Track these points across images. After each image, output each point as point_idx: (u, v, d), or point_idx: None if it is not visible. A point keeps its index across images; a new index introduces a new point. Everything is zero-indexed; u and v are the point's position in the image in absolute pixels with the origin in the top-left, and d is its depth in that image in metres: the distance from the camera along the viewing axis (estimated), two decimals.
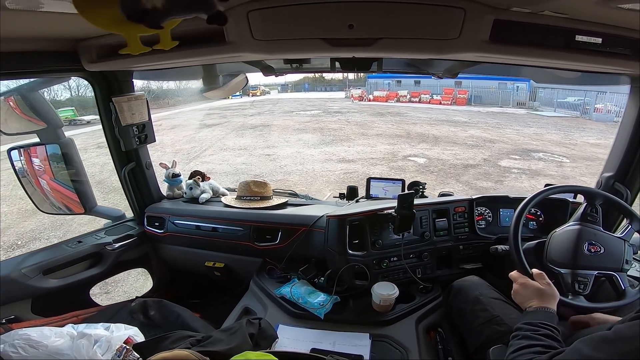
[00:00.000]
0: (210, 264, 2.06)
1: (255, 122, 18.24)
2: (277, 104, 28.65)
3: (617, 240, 1.32)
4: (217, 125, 17.70)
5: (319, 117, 18.76)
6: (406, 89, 28.05)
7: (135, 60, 1.33)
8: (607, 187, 1.72)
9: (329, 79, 45.15)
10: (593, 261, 1.28)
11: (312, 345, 1.34)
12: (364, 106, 24.45)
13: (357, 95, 29.42)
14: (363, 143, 11.61)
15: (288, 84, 48.07)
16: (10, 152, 1.76)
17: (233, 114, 23.41)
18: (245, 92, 42.41)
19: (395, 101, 26.89)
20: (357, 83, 36.27)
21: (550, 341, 0.94)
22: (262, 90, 43.19)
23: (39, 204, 1.91)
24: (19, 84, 1.68)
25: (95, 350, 1.24)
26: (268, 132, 14.57)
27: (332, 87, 43.71)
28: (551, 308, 1.08)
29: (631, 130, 1.62)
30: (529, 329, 1.00)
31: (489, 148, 10.81)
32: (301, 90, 46.02)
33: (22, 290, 1.60)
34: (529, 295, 1.14)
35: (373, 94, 28.70)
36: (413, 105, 25.10)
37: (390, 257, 1.62)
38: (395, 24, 0.96)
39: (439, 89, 25.88)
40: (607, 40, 1.00)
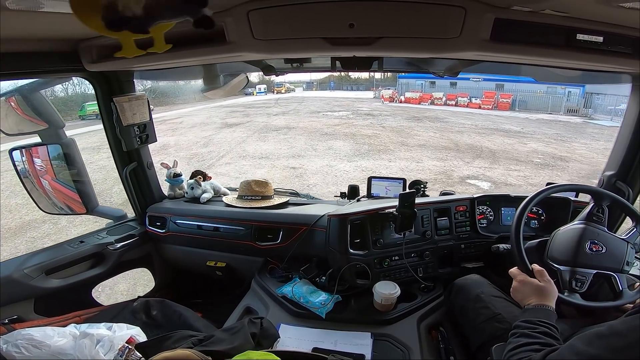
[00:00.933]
0: (212, 263, 2.07)
1: (280, 123, 17.01)
2: (303, 103, 27.48)
3: (620, 241, 1.31)
4: (238, 125, 16.68)
5: (349, 120, 17.47)
6: (441, 90, 26.34)
7: (136, 61, 1.33)
8: (609, 185, 1.72)
9: (355, 78, 43.65)
10: (593, 260, 1.28)
11: (314, 344, 1.35)
12: (396, 108, 22.91)
13: (387, 96, 27.81)
14: (406, 156, 9.87)
15: (313, 81, 46.68)
16: (12, 153, 1.77)
17: (256, 112, 22.48)
18: (270, 89, 41.85)
19: (429, 103, 25.23)
20: (386, 82, 34.94)
21: (548, 339, 0.95)
22: (287, 87, 42.23)
23: (41, 204, 1.91)
24: (19, 84, 1.68)
25: (97, 350, 1.24)
26: (293, 136, 13.21)
27: (358, 87, 42.17)
28: (550, 306, 1.08)
29: (633, 129, 1.61)
30: (527, 327, 1.00)
31: (564, 169, 8.92)
32: (326, 88, 44.87)
33: (25, 290, 1.60)
34: (528, 293, 1.14)
35: (405, 95, 27.06)
36: (450, 109, 23.15)
37: (391, 256, 1.62)
38: (395, 23, 0.95)
39: (479, 92, 24.03)
40: (608, 39, 1.00)
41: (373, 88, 36.29)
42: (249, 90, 43.86)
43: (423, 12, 0.92)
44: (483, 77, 21.57)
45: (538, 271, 1.18)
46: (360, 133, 13.49)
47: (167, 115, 23.54)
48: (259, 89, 42.15)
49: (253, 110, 23.57)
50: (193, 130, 15.55)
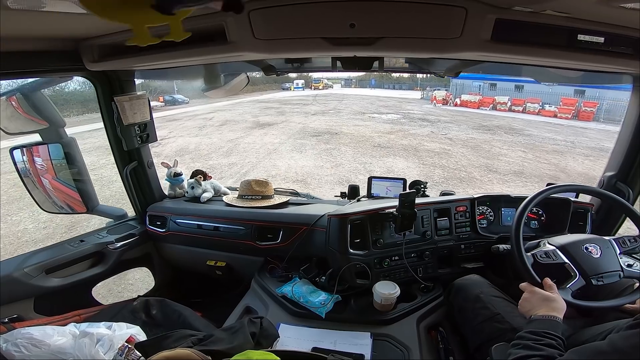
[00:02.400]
0: (212, 263, 2.07)
1: (319, 125, 15.14)
2: (343, 101, 25.88)
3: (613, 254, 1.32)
4: (271, 125, 15.24)
5: (403, 127, 14.85)
6: (504, 94, 23.37)
7: (136, 60, 1.34)
8: (609, 186, 1.72)
9: (397, 77, 42.16)
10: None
11: (314, 344, 1.35)
12: (453, 113, 20.40)
13: (440, 98, 25.47)
14: (504, 191, 5.84)
15: (352, 78, 45.39)
16: (13, 152, 1.77)
17: (293, 110, 20.98)
18: (307, 84, 40.97)
19: (491, 109, 22.48)
20: (433, 82, 33.15)
21: (551, 350, 0.93)
22: (325, 83, 41.43)
23: (42, 204, 1.91)
24: (20, 83, 1.68)
25: (97, 349, 1.24)
26: (337, 147, 10.82)
27: (401, 85, 40.99)
28: (557, 317, 1.06)
29: (633, 129, 1.62)
30: (531, 339, 0.98)
31: None
32: (366, 86, 43.58)
33: (25, 289, 1.60)
34: (537, 303, 1.13)
35: (461, 97, 24.76)
36: (518, 116, 20.13)
37: (391, 256, 1.62)
38: (396, 23, 0.95)
39: (554, 98, 20.57)
40: (610, 40, 1.00)
41: (417, 88, 34.83)
42: (286, 85, 43.36)
43: (424, 12, 0.92)
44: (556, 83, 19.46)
45: (548, 285, 1.18)
46: (423, 147, 10.89)
47: (200, 109, 22.60)
48: (296, 84, 41.44)
49: (289, 107, 22.22)
50: (220, 130, 14.43)
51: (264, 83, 43.99)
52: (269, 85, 44.29)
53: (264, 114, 19.05)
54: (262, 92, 37.03)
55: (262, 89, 42.00)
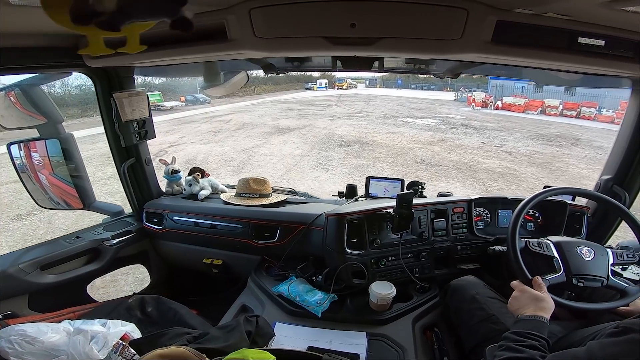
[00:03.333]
0: (209, 260, 2.06)
1: (347, 132, 13.22)
2: (370, 103, 23.83)
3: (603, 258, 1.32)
4: (292, 131, 13.49)
5: (445, 135, 12.77)
6: (551, 96, 21.22)
7: (136, 57, 1.33)
8: (606, 189, 1.73)
9: (424, 77, 40.53)
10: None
11: (309, 343, 1.35)
12: (498, 118, 18.28)
13: (480, 101, 23.08)
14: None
15: (376, 78, 43.59)
16: (10, 147, 1.76)
17: (316, 112, 19.06)
18: (330, 84, 39.55)
19: (539, 112, 20.14)
20: (466, 83, 31.19)
21: (532, 352, 0.93)
22: (349, 83, 39.85)
23: (38, 199, 1.91)
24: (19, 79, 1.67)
25: (91, 347, 1.24)
26: (372, 163, 9.05)
27: (429, 86, 39.48)
28: (544, 317, 1.06)
29: (631, 133, 1.62)
30: (514, 339, 0.98)
31: None
32: (392, 86, 41.74)
33: (19, 285, 1.60)
34: (525, 302, 1.13)
35: (502, 100, 22.30)
36: (573, 122, 17.95)
37: (388, 257, 1.62)
38: (397, 23, 0.95)
39: (611, 102, 18.25)
40: (610, 43, 1.00)
41: (447, 88, 33.34)
42: (309, 84, 41.83)
43: (425, 13, 0.92)
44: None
45: (538, 284, 1.18)
46: (479, 165, 9.00)
47: (220, 110, 21.24)
48: (319, 83, 40.05)
49: (312, 108, 20.45)
50: (235, 136, 12.91)
51: (287, 82, 42.65)
52: (291, 85, 43.08)
53: (285, 116, 17.50)
54: (284, 91, 35.87)
55: (285, 88, 40.90)
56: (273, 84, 39.94)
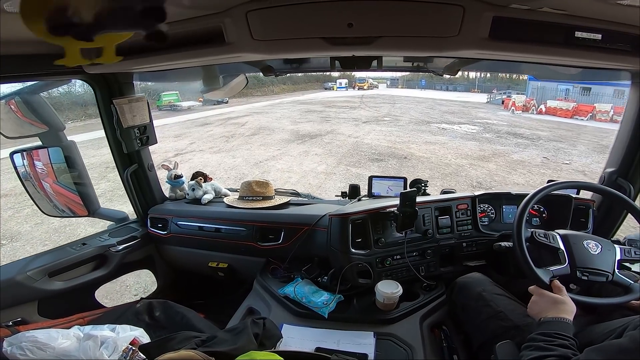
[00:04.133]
0: (214, 264, 2.07)
1: (377, 141, 11.58)
2: (397, 105, 21.84)
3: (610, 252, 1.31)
4: (314, 138, 12.06)
5: (494, 146, 10.86)
6: (602, 100, 19.15)
7: (135, 62, 1.33)
8: (610, 182, 1.72)
9: (449, 77, 39.29)
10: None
11: (317, 344, 1.35)
12: (546, 124, 16.46)
13: (520, 104, 21.06)
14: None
15: (397, 78, 41.97)
16: (13, 156, 1.77)
17: (339, 114, 17.46)
18: (350, 83, 38.04)
19: (588, 118, 18.30)
20: (497, 84, 29.26)
21: (564, 350, 0.92)
22: (370, 83, 38.43)
23: (43, 207, 1.92)
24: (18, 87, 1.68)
25: (101, 352, 1.25)
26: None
27: (455, 87, 37.17)
28: (568, 319, 1.05)
29: (633, 126, 1.61)
30: (543, 340, 0.97)
31: None
32: (415, 87, 39.60)
33: (28, 292, 1.61)
34: (546, 306, 1.12)
35: (546, 104, 20.12)
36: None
37: (393, 255, 1.62)
38: (394, 22, 0.95)
39: None
40: (607, 36, 0.99)
41: (475, 89, 31.51)
42: (328, 84, 40.13)
43: (422, 11, 0.92)
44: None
45: (557, 287, 1.17)
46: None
47: (237, 111, 20.20)
48: (339, 83, 38.40)
49: (334, 111, 18.86)
50: (250, 143, 11.61)
51: (306, 82, 41.17)
52: (310, 85, 41.58)
53: (305, 119, 16.01)
54: (303, 91, 34.58)
55: (304, 88, 39.59)
56: (292, 84, 38.88)
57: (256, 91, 29.57)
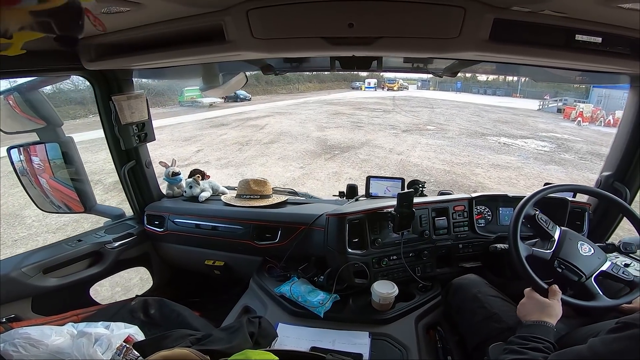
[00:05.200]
0: (210, 262, 2.06)
1: (429, 161, 9.26)
2: (436, 110, 19.31)
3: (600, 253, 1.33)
4: (346, 152, 9.89)
5: (585, 174, 8.82)
6: None
7: (134, 59, 1.33)
8: (607, 186, 1.72)
9: (488, 79, 34.09)
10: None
11: (312, 343, 1.35)
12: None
13: (587, 115, 18.76)
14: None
15: (429, 80, 39.22)
16: (10, 151, 1.76)
17: (372, 119, 15.22)
18: (379, 84, 36.24)
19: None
20: (546, 89, 26.44)
21: (535, 354, 0.94)
22: (401, 84, 36.58)
23: (39, 203, 1.91)
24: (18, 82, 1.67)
25: (95, 349, 1.24)
26: None
27: (494, 90, 33.99)
28: (548, 322, 1.07)
29: (630, 129, 1.62)
30: (518, 343, 1.00)
31: None
32: (447, 89, 36.94)
33: (23, 289, 1.60)
34: (532, 309, 1.14)
35: (614, 114, 16.98)
36: None
37: (389, 256, 1.63)
38: (395, 22, 0.96)
39: None
40: (607, 40, 1.00)
41: (517, 94, 29.05)
42: (356, 83, 38.33)
43: (422, 12, 0.92)
44: None
45: (553, 291, 1.17)
46: None
47: (258, 110, 18.86)
48: (368, 83, 36.93)
49: (366, 114, 16.46)
50: (267, 155, 9.84)
51: (332, 81, 39.53)
52: (337, 84, 39.67)
53: (334, 123, 13.86)
54: (329, 90, 32.77)
55: (330, 87, 37.85)
56: (318, 82, 37.34)
57: (281, 89, 28.77)
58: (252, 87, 25.50)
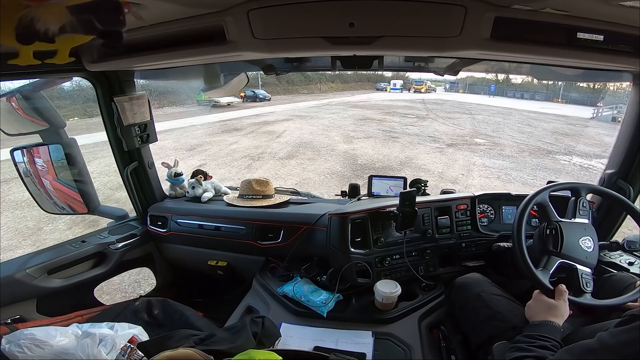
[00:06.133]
0: (213, 262, 2.07)
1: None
2: (476, 117, 17.08)
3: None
4: (388, 168, 8.50)
5: None
6: None
7: (136, 60, 1.33)
8: (610, 184, 1.72)
9: (524, 79, 29.81)
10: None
11: (315, 343, 1.35)
12: None
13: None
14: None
15: (457, 82, 36.40)
16: (14, 153, 1.77)
17: (405, 127, 13.32)
18: (405, 85, 34.36)
19: None
20: (597, 95, 22.95)
21: (543, 351, 0.95)
22: (428, 86, 34.68)
23: (43, 204, 1.92)
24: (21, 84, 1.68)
25: (100, 350, 1.25)
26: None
27: (532, 94, 30.84)
28: (554, 322, 1.08)
29: (634, 127, 1.61)
30: (525, 341, 1.01)
31: None
32: (480, 92, 34.13)
33: (27, 290, 1.61)
34: (539, 310, 1.15)
35: None
36: None
37: (392, 255, 1.62)
38: (396, 21, 0.95)
39: None
40: (609, 38, 1.00)
41: (558, 99, 26.32)
42: (381, 84, 36.63)
43: (423, 11, 0.92)
44: None
45: (560, 291, 1.18)
46: None
47: (277, 112, 17.32)
48: (393, 84, 35.34)
49: (398, 121, 14.59)
50: (283, 173, 8.18)
51: (356, 81, 37.66)
52: (361, 84, 37.61)
53: (362, 132, 11.95)
54: (352, 91, 30.99)
55: (354, 87, 36.15)
56: (341, 82, 35.69)
57: (302, 88, 27.88)
58: (272, 87, 24.60)
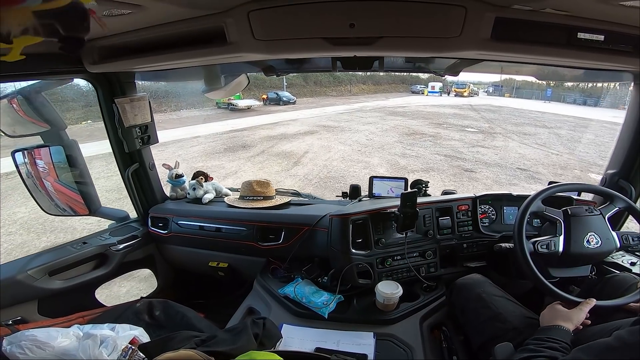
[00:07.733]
0: (214, 264, 2.07)
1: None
2: (557, 131, 14.25)
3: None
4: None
5: None
6: None
7: (137, 62, 1.34)
8: (612, 184, 1.71)
9: (583, 86, 26.60)
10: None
11: (316, 344, 1.35)
12: None
13: None
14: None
15: (501, 85, 33.58)
16: (15, 155, 1.77)
17: (471, 148, 10.27)
18: (444, 89, 31.91)
19: None
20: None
21: (553, 352, 0.95)
22: (471, 89, 32.04)
23: (44, 206, 1.92)
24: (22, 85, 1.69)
25: (101, 351, 1.24)
26: None
27: (596, 100, 27.24)
28: (564, 326, 1.08)
29: (635, 127, 1.61)
30: (535, 343, 1.01)
31: None
32: (530, 97, 30.69)
33: (29, 291, 1.61)
34: (551, 317, 1.15)
35: None
36: None
37: (393, 256, 1.62)
38: (396, 22, 0.96)
39: None
40: (609, 37, 1.00)
41: (623, 106, 22.39)
42: (416, 87, 34.16)
43: (423, 11, 0.92)
44: None
45: (585, 302, 1.19)
46: None
47: (300, 119, 14.62)
48: (431, 87, 32.28)
49: (457, 138, 11.68)
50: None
51: (389, 83, 34.78)
52: (394, 86, 34.66)
53: (416, 158, 8.89)
54: (386, 94, 27.89)
55: (387, 90, 33.05)
56: (373, 84, 32.62)
57: (330, 90, 25.65)
58: (298, 88, 23.18)
